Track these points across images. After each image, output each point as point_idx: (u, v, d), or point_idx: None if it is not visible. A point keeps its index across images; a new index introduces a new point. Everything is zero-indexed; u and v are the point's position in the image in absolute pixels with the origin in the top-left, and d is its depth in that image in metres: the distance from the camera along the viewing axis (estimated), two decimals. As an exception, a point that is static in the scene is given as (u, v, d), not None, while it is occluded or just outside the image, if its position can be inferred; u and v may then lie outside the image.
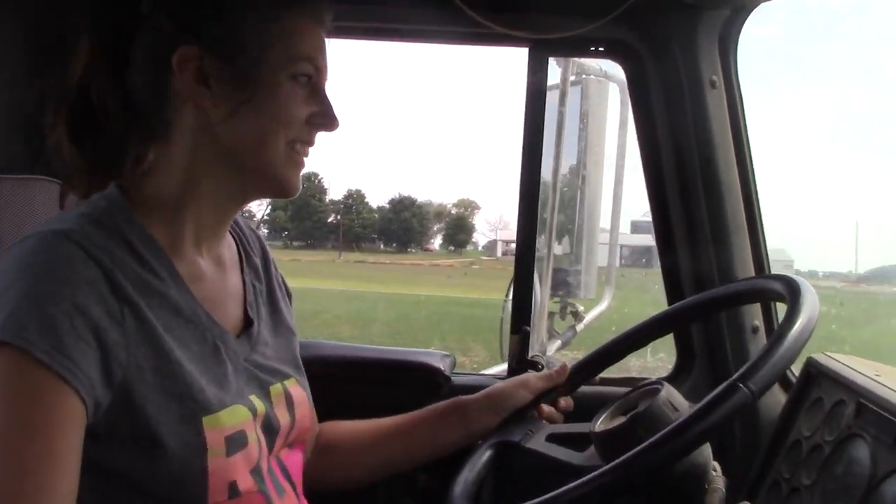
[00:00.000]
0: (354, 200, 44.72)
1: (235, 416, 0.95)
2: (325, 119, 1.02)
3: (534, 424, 1.24)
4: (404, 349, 1.71)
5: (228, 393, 0.96)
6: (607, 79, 2.13)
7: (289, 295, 1.21)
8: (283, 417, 1.06)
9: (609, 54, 1.65)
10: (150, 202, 0.97)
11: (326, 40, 1.03)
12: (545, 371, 1.36)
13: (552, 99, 1.85)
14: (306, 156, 1.03)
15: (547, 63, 1.64)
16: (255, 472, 0.96)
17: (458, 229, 47.03)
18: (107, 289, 0.85)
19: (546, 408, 1.28)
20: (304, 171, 1.03)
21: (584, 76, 2.12)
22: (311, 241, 41.47)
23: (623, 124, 2.15)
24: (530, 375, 1.32)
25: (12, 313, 0.79)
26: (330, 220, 43.97)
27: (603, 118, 2.13)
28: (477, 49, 1.70)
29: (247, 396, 0.99)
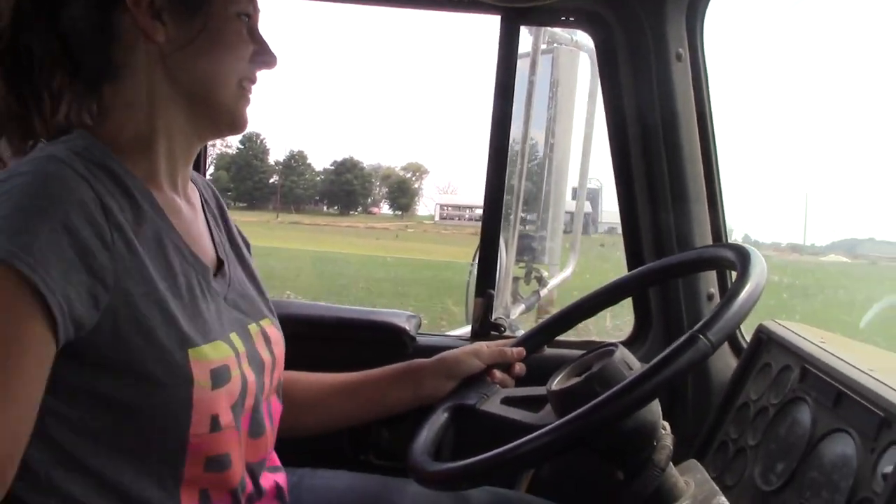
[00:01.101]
0: (297, 162, 44.37)
1: (219, 351, 0.96)
2: (266, 56, 1.05)
3: (489, 388, 1.27)
4: (371, 309, 1.74)
5: (212, 328, 0.97)
6: (578, 48, 2.15)
7: (246, 244, 1.23)
8: (264, 354, 1.08)
9: (579, 24, 1.67)
10: (117, 142, 0.97)
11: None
12: (501, 342, 1.39)
13: (522, 67, 1.87)
14: (251, 93, 1.06)
15: (518, 31, 1.65)
16: (234, 407, 0.98)
17: (401, 193, 46.87)
18: (99, 211, 0.86)
19: (499, 373, 1.31)
20: (246, 132, 1.07)
21: (555, 45, 2.14)
22: (253, 202, 41.23)
23: (592, 94, 2.18)
24: (484, 346, 1.34)
25: (2, 230, 0.80)
26: (272, 181, 43.72)
27: (573, 87, 2.16)
28: (434, 14, 1.72)
29: (227, 335, 1.01)
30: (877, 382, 1.06)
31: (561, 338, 1.45)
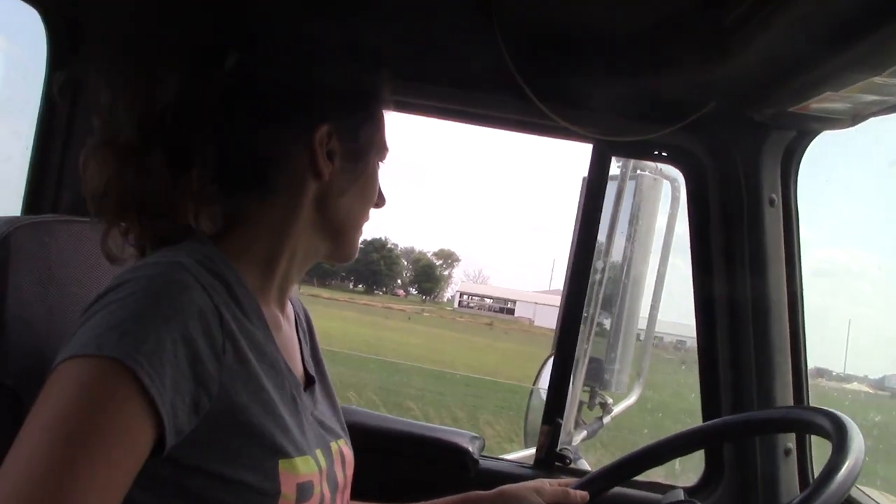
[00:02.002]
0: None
1: (308, 466, 0.96)
2: (382, 200, 1.15)
3: None
4: (436, 426, 1.71)
5: (303, 442, 0.97)
6: (662, 176, 2.15)
7: None
8: (339, 475, 1.07)
9: (672, 160, 1.68)
10: (239, 254, 1.00)
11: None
12: (565, 482, 1.35)
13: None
14: None
15: (609, 161, 1.66)
16: None
17: (426, 277, 47.32)
18: (216, 321, 0.88)
19: None
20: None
21: (638, 171, 2.13)
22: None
23: (671, 225, 2.15)
24: (546, 483, 1.31)
25: (129, 332, 0.81)
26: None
27: (653, 216, 2.14)
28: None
29: (314, 450, 1.00)
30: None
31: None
